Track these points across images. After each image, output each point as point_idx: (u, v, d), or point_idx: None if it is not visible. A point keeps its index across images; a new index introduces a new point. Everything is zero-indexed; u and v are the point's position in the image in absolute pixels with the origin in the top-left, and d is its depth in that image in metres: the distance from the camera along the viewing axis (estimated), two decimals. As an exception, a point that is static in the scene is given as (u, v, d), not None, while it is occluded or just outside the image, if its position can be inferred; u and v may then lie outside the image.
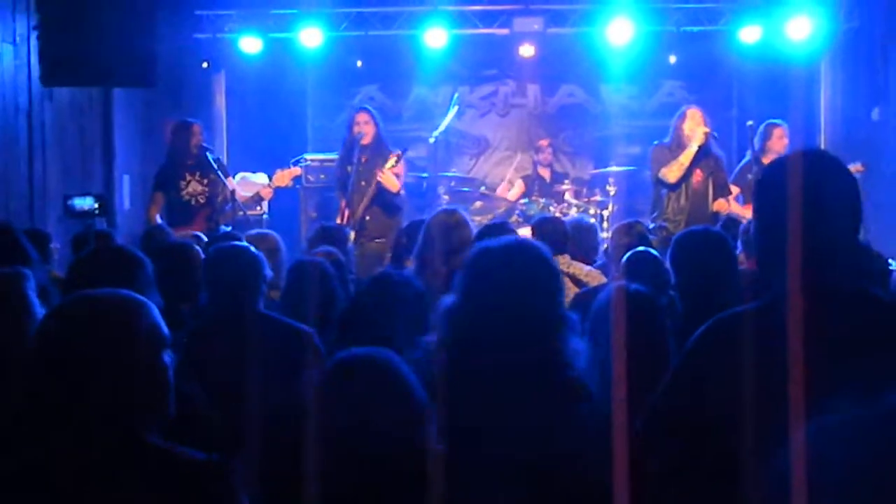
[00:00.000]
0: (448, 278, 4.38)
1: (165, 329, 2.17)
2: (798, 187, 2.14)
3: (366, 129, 8.61)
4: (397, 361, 2.14)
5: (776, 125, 8.62)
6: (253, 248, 4.15)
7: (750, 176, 8.25)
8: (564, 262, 5.79)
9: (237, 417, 2.99)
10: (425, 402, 2.13)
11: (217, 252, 4.15)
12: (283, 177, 8.62)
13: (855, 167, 8.37)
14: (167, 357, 2.15)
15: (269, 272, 4.01)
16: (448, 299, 2.65)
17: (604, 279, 5.86)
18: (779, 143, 8.46)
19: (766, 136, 8.52)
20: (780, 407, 2.03)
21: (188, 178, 8.26)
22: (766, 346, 2.11)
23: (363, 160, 8.52)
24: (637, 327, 3.03)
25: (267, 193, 8.83)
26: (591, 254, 6.37)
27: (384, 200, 8.51)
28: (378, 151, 8.56)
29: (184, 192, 8.25)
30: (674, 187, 8.11)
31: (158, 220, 8.23)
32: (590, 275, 5.95)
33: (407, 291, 3.56)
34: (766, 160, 8.27)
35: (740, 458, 2.09)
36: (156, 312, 2.17)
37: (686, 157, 8.03)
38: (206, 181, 8.26)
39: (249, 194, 8.75)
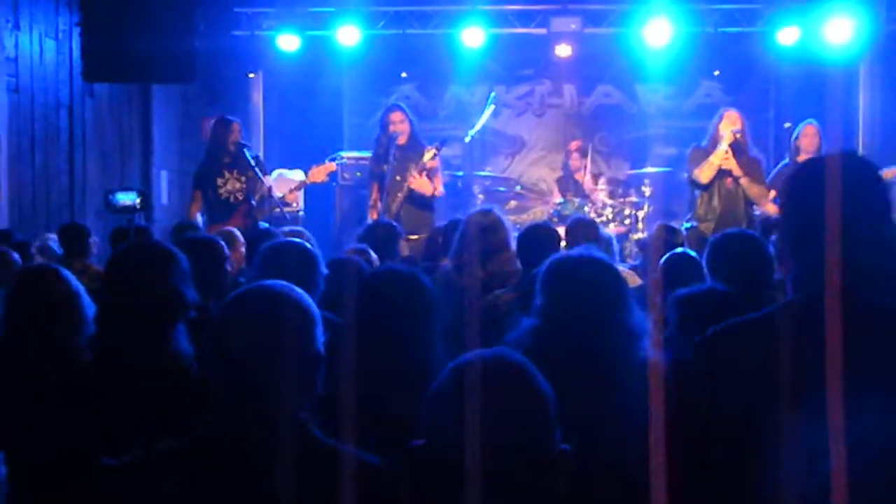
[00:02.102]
0: (484, 279, 4.42)
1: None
2: (834, 187, 2.09)
3: (401, 128, 8.67)
4: (527, 362, 2.10)
5: (807, 124, 8.58)
6: (309, 245, 4.18)
7: None
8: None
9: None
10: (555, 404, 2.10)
11: (273, 248, 4.17)
12: (319, 172, 8.67)
13: (890, 171, 8.31)
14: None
15: (324, 269, 4.02)
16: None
17: (638, 280, 5.86)
18: (810, 142, 8.40)
19: (798, 135, 8.49)
20: (811, 411, 2.02)
21: (226, 175, 8.32)
22: (784, 356, 2.08)
23: (397, 155, 8.59)
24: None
25: (292, 198, 8.93)
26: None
27: (417, 198, 8.58)
28: (413, 149, 8.64)
29: (222, 190, 8.31)
30: (706, 187, 8.10)
31: (199, 217, 8.30)
32: (623, 275, 5.96)
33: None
34: (800, 160, 8.26)
35: (763, 461, 2.07)
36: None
37: (717, 157, 8.01)
38: (243, 178, 8.31)
39: (281, 194, 8.80)
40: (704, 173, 8.01)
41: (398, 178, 8.58)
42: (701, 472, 2.16)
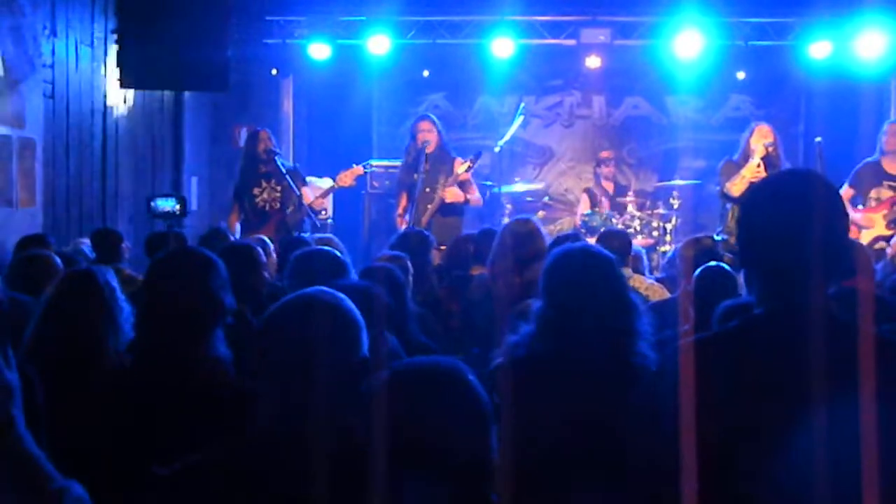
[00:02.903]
0: (520, 287, 4.44)
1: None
2: (783, 209, 2.15)
3: (430, 137, 8.70)
4: (464, 370, 2.13)
5: (892, 122, 8.51)
6: (337, 252, 4.23)
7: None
8: (626, 275, 5.81)
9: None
10: (491, 410, 2.14)
11: (302, 256, 4.23)
12: (346, 177, 8.73)
13: None
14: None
15: (354, 276, 4.07)
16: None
17: (665, 293, 5.86)
18: (890, 141, 8.31)
19: (884, 134, 8.38)
20: (768, 425, 2.06)
21: (263, 184, 8.45)
22: (741, 371, 2.12)
23: (427, 167, 8.62)
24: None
25: (319, 204, 8.99)
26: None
27: (448, 208, 8.62)
28: (442, 160, 8.67)
29: (258, 199, 8.44)
30: (737, 201, 8.08)
31: (237, 228, 8.42)
32: (650, 288, 5.97)
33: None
34: (882, 161, 8.24)
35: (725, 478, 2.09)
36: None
37: (748, 171, 7.99)
38: (279, 188, 8.43)
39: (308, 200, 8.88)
40: (736, 187, 7.99)
41: (427, 189, 8.61)
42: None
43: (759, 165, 8.00)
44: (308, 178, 10.26)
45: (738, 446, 2.06)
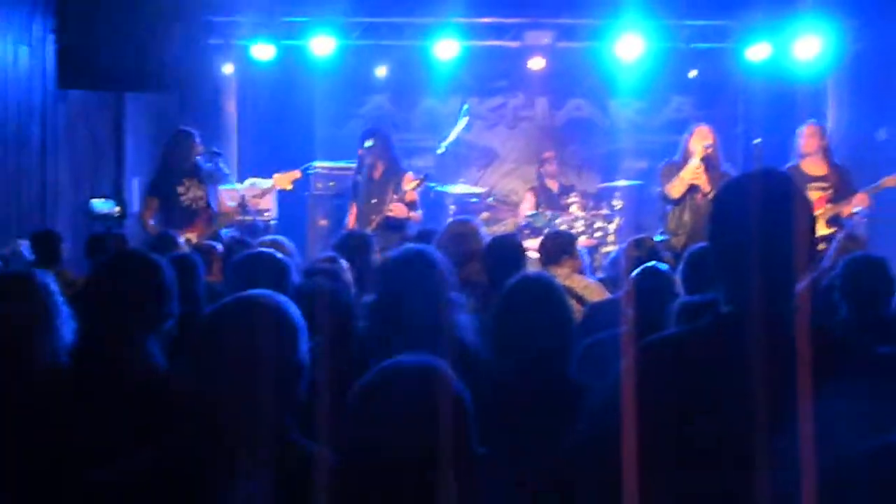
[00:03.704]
0: (458, 287, 4.50)
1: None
2: (756, 208, 2.17)
3: (369, 159, 8.79)
4: (445, 368, 2.18)
5: (807, 124, 8.42)
6: (280, 255, 4.23)
7: None
8: (563, 275, 5.83)
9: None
10: (471, 407, 2.18)
11: (244, 259, 4.22)
12: (283, 179, 8.73)
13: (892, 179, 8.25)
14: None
15: (296, 278, 4.07)
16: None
17: (604, 293, 5.91)
18: (806, 143, 8.27)
19: (801, 137, 8.33)
20: (731, 428, 2.09)
21: (187, 183, 8.36)
22: (713, 368, 2.15)
23: (378, 181, 8.68)
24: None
25: (255, 204, 8.99)
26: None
27: (391, 222, 8.67)
28: (393, 170, 8.72)
29: (184, 197, 8.33)
30: (677, 202, 8.17)
31: (152, 223, 8.27)
32: (587, 288, 5.99)
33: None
34: (802, 164, 8.22)
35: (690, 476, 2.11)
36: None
37: (687, 173, 8.09)
38: (204, 186, 8.40)
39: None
40: (675, 188, 8.09)
41: (375, 200, 8.66)
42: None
43: (698, 167, 8.10)
44: (252, 180, 10.25)
45: (715, 440, 2.09)
